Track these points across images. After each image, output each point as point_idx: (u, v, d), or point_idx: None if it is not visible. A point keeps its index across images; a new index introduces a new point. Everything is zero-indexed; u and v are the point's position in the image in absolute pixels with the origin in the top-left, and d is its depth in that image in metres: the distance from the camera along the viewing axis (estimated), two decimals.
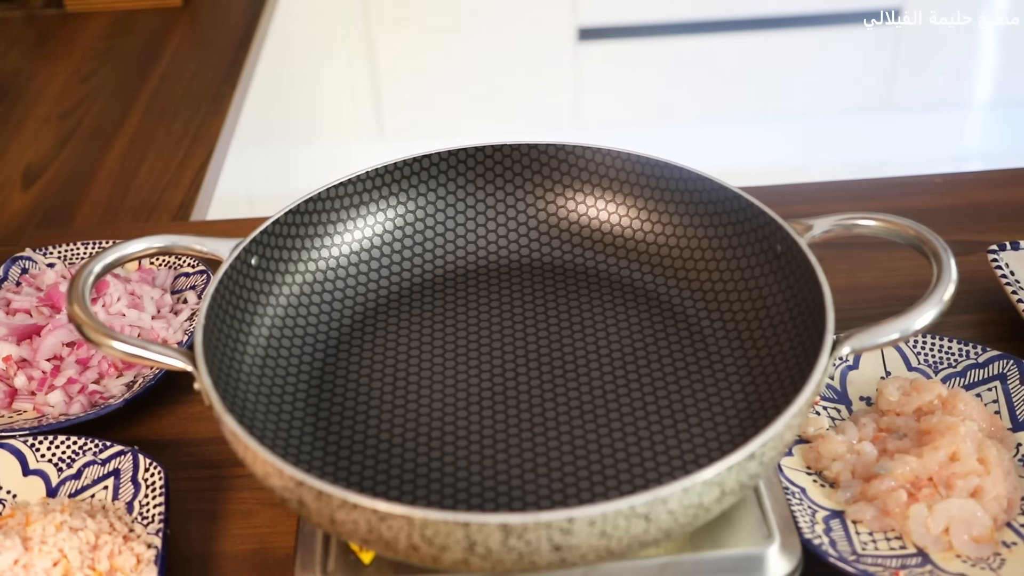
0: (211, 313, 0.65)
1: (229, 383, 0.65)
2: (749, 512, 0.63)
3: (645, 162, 0.77)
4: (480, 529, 0.51)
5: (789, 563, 0.61)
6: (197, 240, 0.69)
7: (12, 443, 0.72)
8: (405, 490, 0.62)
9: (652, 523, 0.53)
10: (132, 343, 0.62)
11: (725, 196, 0.73)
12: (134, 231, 1.04)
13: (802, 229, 0.68)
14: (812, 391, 0.58)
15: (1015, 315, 0.82)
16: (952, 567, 0.64)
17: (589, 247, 0.79)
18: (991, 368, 0.76)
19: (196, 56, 1.45)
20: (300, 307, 0.73)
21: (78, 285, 0.64)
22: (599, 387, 0.68)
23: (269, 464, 0.55)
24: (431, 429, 0.66)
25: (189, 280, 0.89)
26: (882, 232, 0.67)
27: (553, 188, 0.80)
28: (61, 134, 1.27)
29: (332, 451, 0.65)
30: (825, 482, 0.70)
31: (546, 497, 0.61)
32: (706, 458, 0.63)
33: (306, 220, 0.75)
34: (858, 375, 0.77)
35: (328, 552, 0.62)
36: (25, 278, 0.90)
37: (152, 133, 1.28)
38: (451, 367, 0.70)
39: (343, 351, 0.72)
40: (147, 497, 0.69)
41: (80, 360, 0.81)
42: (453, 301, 0.76)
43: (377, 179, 0.77)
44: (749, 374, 0.68)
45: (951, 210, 0.96)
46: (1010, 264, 0.84)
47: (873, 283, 0.89)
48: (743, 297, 0.72)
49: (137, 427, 0.79)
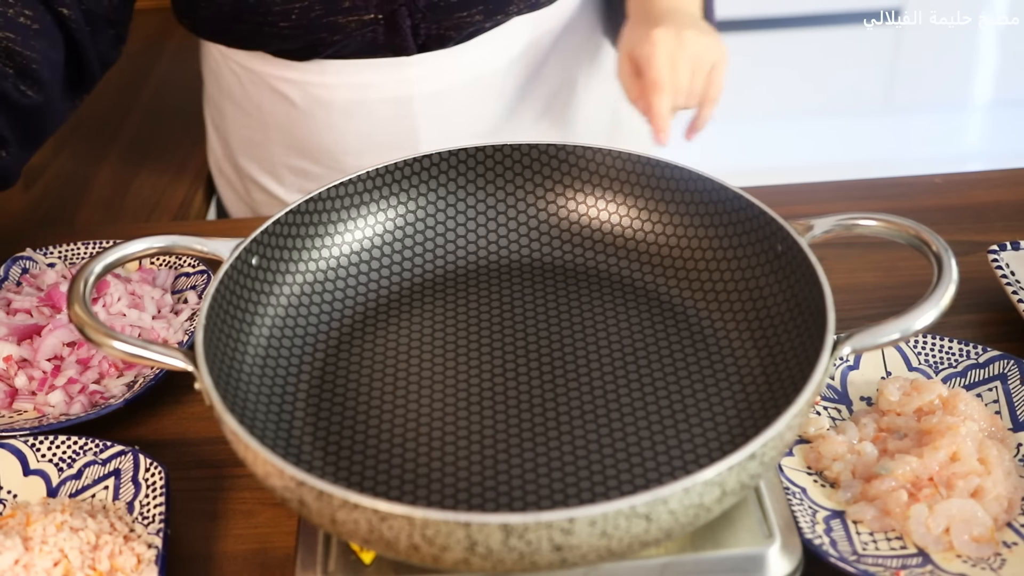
0: (212, 313, 0.65)
1: (230, 383, 0.65)
2: (750, 512, 0.63)
3: (645, 162, 0.77)
4: (481, 529, 0.51)
5: (790, 563, 0.61)
6: (198, 240, 0.69)
7: (13, 443, 0.72)
8: (406, 490, 0.62)
9: (653, 523, 0.53)
10: (133, 343, 0.62)
11: (726, 196, 0.73)
12: (134, 231, 1.04)
13: (803, 229, 0.68)
14: (813, 391, 0.58)
15: (1015, 315, 0.82)
16: (953, 567, 0.64)
17: (589, 247, 0.79)
18: (991, 368, 0.76)
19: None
20: (300, 307, 0.73)
21: (79, 285, 0.64)
22: (599, 387, 0.68)
23: (270, 464, 0.55)
24: (431, 429, 0.66)
25: (190, 280, 0.89)
26: (882, 232, 0.67)
27: (553, 188, 0.80)
28: (61, 134, 1.27)
29: (333, 451, 0.65)
30: (826, 482, 0.70)
31: (547, 497, 0.61)
32: (707, 458, 0.63)
33: (306, 220, 0.75)
34: (858, 375, 0.77)
35: (329, 552, 0.62)
36: (26, 278, 0.90)
37: (152, 133, 1.28)
38: (451, 367, 0.70)
39: (343, 351, 0.72)
40: (148, 497, 0.69)
41: (81, 360, 0.81)
42: (453, 301, 0.76)
43: (377, 179, 0.77)
44: (750, 374, 0.68)
45: (951, 210, 0.96)
46: (1010, 264, 0.84)
47: (873, 283, 0.89)
48: (744, 297, 0.72)
49: (137, 427, 0.78)
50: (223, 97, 1.09)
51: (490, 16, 0.96)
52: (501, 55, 1.00)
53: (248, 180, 1.12)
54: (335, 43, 0.95)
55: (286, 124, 1.04)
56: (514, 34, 1.00)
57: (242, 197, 1.15)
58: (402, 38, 0.94)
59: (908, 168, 0.92)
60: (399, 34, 0.94)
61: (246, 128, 1.08)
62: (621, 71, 0.92)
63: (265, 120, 1.05)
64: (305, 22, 0.93)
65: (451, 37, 0.96)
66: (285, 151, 1.06)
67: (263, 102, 1.04)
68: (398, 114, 1.00)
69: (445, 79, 0.99)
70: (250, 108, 1.06)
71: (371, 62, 0.97)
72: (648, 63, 0.84)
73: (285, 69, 0.99)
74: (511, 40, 1.00)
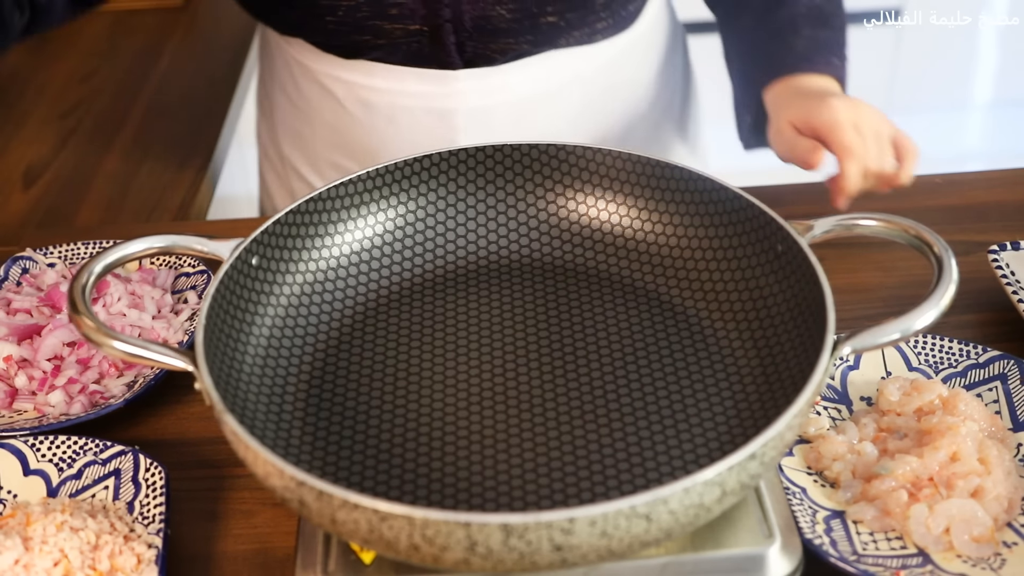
0: (212, 313, 0.65)
1: (230, 383, 0.65)
2: (750, 512, 0.63)
3: (645, 162, 0.77)
4: (481, 529, 0.51)
5: (790, 563, 0.61)
6: (198, 240, 0.69)
7: (13, 443, 0.72)
8: (406, 490, 0.62)
9: (653, 523, 0.53)
10: (133, 343, 0.62)
11: (726, 196, 0.73)
12: (135, 231, 1.04)
13: (803, 229, 0.68)
14: (813, 391, 0.58)
15: (1015, 315, 0.82)
16: (953, 567, 0.64)
17: (589, 247, 0.79)
18: (992, 368, 0.76)
19: (196, 56, 1.44)
20: (300, 307, 0.73)
21: (79, 285, 0.64)
22: (599, 387, 0.68)
23: (270, 464, 0.55)
24: (431, 429, 0.66)
25: (190, 280, 0.89)
26: (883, 232, 0.67)
27: (553, 188, 0.80)
28: (61, 134, 1.27)
29: (333, 451, 0.65)
30: (826, 482, 0.70)
31: (547, 497, 0.61)
32: (707, 458, 0.63)
33: (306, 220, 0.75)
34: (858, 375, 0.77)
35: (329, 552, 0.62)
36: (26, 278, 0.90)
37: (152, 133, 1.27)
38: (451, 367, 0.70)
39: (343, 351, 0.72)
40: (148, 497, 0.69)
41: (81, 360, 0.81)
42: (453, 301, 0.76)
43: (377, 179, 0.77)
44: (750, 374, 0.68)
45: (951, 210, 0.96)
46: (1010, 264, 0.84)
47: (874, 283, 0.89)
48: (744, 297, 0.72)
49: (137, 427, 0.78)
50: (274, 84, 1.11)
51: (538, 46, 0.96)
52: (551, 79, 1.00)
53: (290, 168, 1.13)
54: (380, 47, 0.96)
55: (332, 121, 1.04)
56: (566, 63, 1.00)
57: (283, 182, 1.16)
58: (447, 53, 0.95)
59: None
60: (443, 49, 0.95)
61: (293, 118, 1.09)
62: (780, 134, 0.92)
63: (312, 115, 1.06)
64: (351, 20, 0.94)
65: (498, 59, 0.96)
66: (329, 147, 1.07)
67: (312, 96, 1.05)
68: (440, 125, 1.00)
69: (491, 96, 0.99)
70: (299, 101, 1.07)
71: (417, 71, 0.97)
72: (835, 129, 0.86)
73: (335, 67, 1.00)
74: (562, 66, 1.00)
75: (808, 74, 0.94)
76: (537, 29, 0.95)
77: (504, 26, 0.94)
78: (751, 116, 1.00)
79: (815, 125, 0.87)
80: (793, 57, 0.95)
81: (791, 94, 0.93)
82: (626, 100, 1.07)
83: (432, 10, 0.92)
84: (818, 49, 0.95)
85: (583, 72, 1.01)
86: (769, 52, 0.97)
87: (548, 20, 0.94)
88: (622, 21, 1.00)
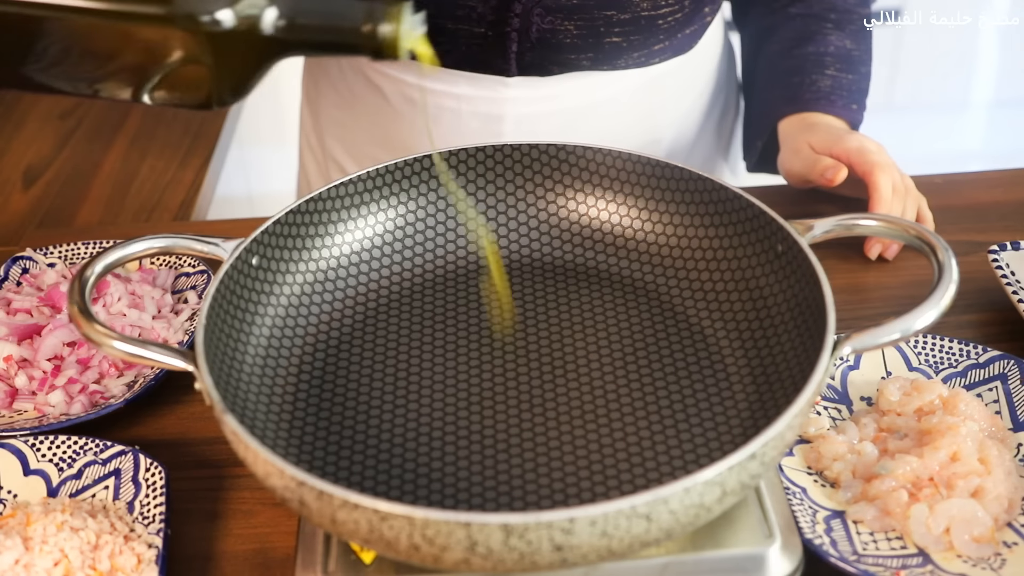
0: (212, 313, 0.65)
1: (230, 383, 0.65)
2: (750, 512, 0.63)
3: (645, 162, 0.77)
4: (481, 529, 0.51)
5: (790, 563, 0.61)
6: (198, 240, 0.69)
7: (13, 443, 0.72)
8: (406, 490, 0.62)
9: (653, 523, 0.53)
10: (133, 343, 0.62)
11: (726, 196, 0.73)
12: (135, 231, 1.04)
13: (803, 229, 0.68)
14: (813, 391, 0.58)
15: (1015, 315, 0.82)
16: (953, 567, 0.64)
17: (589, 247, 0.79)
18: (992, 368, 0.76)
19: None
20: (300, 307, 0.73)
21: (79, 285, 0.64)
22: (600, 387, 0.68)
23: (270, 464, 0.55)
24: (431, 429, 0.66)
25: (190, 280, 0.89)
26: (883, 232, 0.67)
27: (554, 188, 0.80)
28: (61, 134, 1.27)
29: (333, 451, 0.65)
30: (826, 482, 0.70)
31: (547, 497, 0.61)
32: (707, 458, 0.63)
33: (306, 220, 0.75)
34: (859, 375, 0.77)
35: (329, 552, 0.62)
36: (26, 278, 0.90)
37: (152, 133, 1.27)
38: (451, 367, 0.70)
39: (343, 351, 0.72)
40: (148, 497, 0.69)
41: (81, 360, 0.81)
42: (453, 301, 0.76)
43: (377, 179, 0.77)
44: (750, 374, 0.68)
45: (951, 210, 0.96)
46: (1010, 264, 0.84)
47: (874, 283, 0.89)
48: (744, 297, 0.72)
49: (138, 427, 0.78)
50: (321, 74, 1.10)
51: (597, 64, 0.96)
52: (600, 92, 1.00)
53: (330, 158, 1.13)
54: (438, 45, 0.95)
55: (376, 116, 1.04)
56: (618, 77, 0.99)
57: (322, 170, 1.16)
58: (505, 60, 0.95)
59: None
60: (503, 56, 0.94)
61: (337, 109, 1.09)
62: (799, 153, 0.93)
63: (356, 108, 1.06)
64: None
65: (554, 71, 0.96)
66: (371, 141, 1.07)
67: (357, 90, 1.05)
68: (485, 130, 1.00)
69: (539, 105, 0.99)
70: (345, 92, 1.06)
71: (469, 75, 0.97)
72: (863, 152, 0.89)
73: (384, 63, 0.99)
74: (613, 80, 0.99)
75: (826, 114, 0.96)
76: (599, 47, 0.95)
77: (568, 41, 0.94)
78: (762, 142, 1.02)
79: (840, 150, 0.90)
80: (814, 94, 0.97)
81: (806, 126, 0.95)
82: (674, 117, 1.07)
83: (501, 17, 0.92)
84: (840, 91, 0.97)
85: (633, 86, 1.01)
86: (792, 84, 0.99)
87: (612, 40, 0.94)
88: (681, 45, 1.00)
